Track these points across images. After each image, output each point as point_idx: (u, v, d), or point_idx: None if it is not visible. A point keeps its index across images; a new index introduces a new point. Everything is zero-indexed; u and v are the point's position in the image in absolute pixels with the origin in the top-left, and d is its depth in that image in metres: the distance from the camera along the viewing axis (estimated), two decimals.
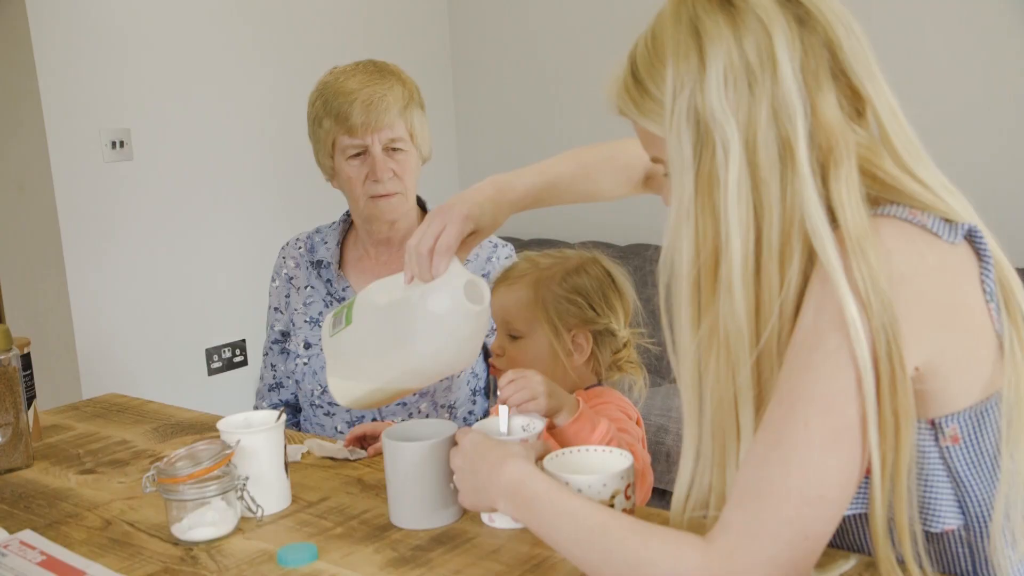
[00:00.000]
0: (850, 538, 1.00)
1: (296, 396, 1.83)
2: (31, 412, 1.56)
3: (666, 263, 0.92)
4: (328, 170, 1.75)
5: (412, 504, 1.17)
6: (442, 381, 1.68)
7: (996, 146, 2.90)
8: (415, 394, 1.69)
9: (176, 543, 1.17)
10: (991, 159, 2.89)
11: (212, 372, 3.35)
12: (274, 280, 1.85)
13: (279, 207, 3.48)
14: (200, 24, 3.24)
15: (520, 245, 2.01)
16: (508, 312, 1.40)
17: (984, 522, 0.90)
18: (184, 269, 3.24)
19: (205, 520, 1.16)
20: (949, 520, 0.90)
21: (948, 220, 0.88)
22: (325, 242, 1.81)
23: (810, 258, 0.87)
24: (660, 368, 1.30)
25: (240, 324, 3.37)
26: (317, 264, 1.80)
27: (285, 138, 3.45)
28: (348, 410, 1.72)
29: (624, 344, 1.43)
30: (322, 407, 1.75)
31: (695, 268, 0.90)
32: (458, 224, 1.21)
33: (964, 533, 0.91)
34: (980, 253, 0.89)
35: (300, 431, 1.75)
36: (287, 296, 1.82)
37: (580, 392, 1.38)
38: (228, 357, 3.39)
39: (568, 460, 1.12)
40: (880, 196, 0.89)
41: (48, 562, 1.13)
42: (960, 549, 0.93)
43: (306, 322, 1.78)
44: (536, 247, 3.02)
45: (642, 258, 3.13)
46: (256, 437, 1.22)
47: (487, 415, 1.72)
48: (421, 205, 1.81)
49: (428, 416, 1.73)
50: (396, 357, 1.23)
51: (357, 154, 1.69)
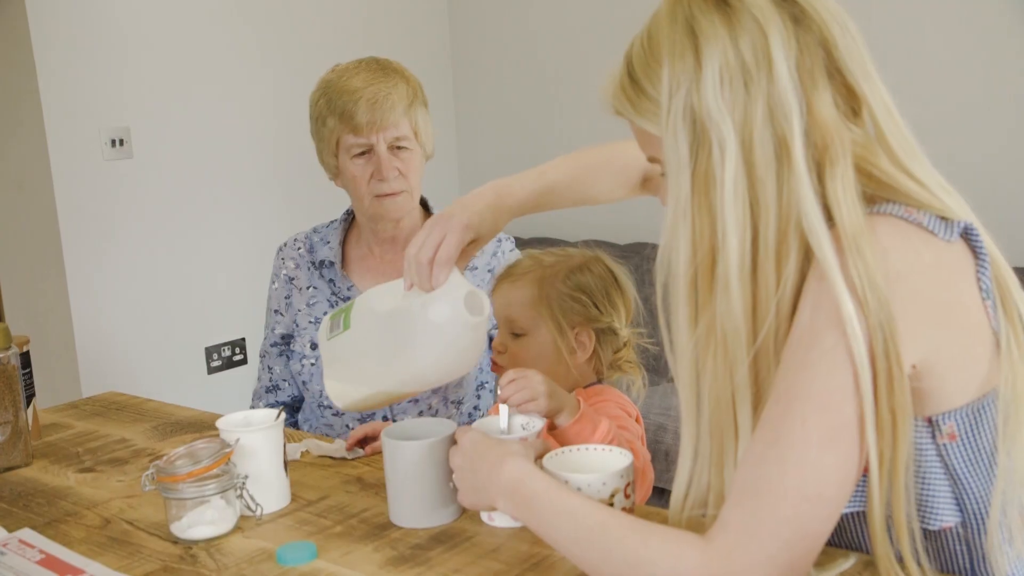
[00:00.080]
0: (848, 536, 1.00)
1: (293, 398, 1.82)
2: (30, 410, 1.55)
3: (663, 262, 0.92)
4: (332, 169, 1.74)
5: (411, 503, 1.17)
6: None
7: (995, 145, 2.90)
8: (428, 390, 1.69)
9: (175, 542, 1.17)
10: (990, 158, 2.89)
11: (212, 371, 3.35)
12: (273, 282, 1.83)
13: (279, 205, 3.48)
14: (200, 22, 3.24)
15: (521, 244, 2.02)
16: (511, 309, 1.40)
17: (981, 519, 0.90)
18: (184, 267, 3.24)
19: (204, 519, 1.16)
20: (947, 517, 0.90)
21: (944, 218, 0.88)
22: (328, 242, 1.80)
23: (806, 256, 0.87)
24: (659, 367, 1.30)
25: (240, 323, 3.37)
26: (319, 264, 1.79)
27: (285, 136, 3.45)
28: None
29: (624, 343, 1.43)
30: (331, 407, 1.75)
31: (692, 267, 0.90)
32: (458, 234, 1.21)
33: (962, 530, 0.91)
34: (976, 251, 0.89)
35: (299, 430, 1.75)
36: (287, 297, 1.80)
37: (579, 391, 1.37)
38: (228, 356, 3.39)
39: (567, 459, 1.12)
40: (876, 194, 0.89)
41: (47, 561, 1.13)
42: (958, 546, 0.93)
43: (311, 323, 1.78)
44: (536, 246, 3.02)
45: (641, 257, 3.13)
46: (255, 436, 1.22)
47: None
48: (424, 204, 1.81)
49: (438, 412, 1.73)
50: (395, 365, 1.23)
51: (362, 153, 1.68)
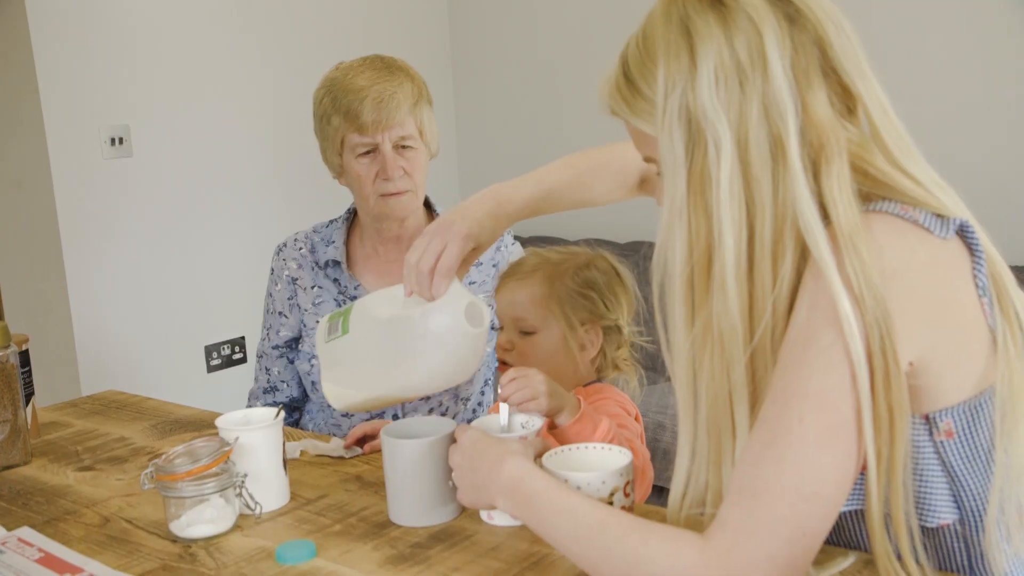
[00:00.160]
0: (847, 535, 1.00)
1: (291, 399, 1.82)
2: (29, 409, 1.55)
3: (659, 262, 0.93)
4: (336, 168, 1.73)
5: (411, 501, 1.17)
6: None
7: (995, 144, 2.90)
8: None
9: (174, 540, 1.17)
10: (990, 157, 2.89)
11: (211, 369, 3.35)
12: (275, 284, 1.80)
13: (278, 203, 3.48)
14: (199, 20, 3.23)
15: (521, 243, 2.02)
16: (520, 308, 1.39)
17: (979, 516, 0.90)
18: (183, 266, 3.24)
19: (203, 517, 1.16)
20: (944, 515, 0.90)
21: (940, 215, 0.88)
22: (332, 241, 1.78)
23: (803, 255, 0.87)
24: (657, 366, 1.30)
25: (239, 321, 3.37)
26: (324, 264, 1.77)
27: (285, 134, 3.45)
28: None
29: (625, 341, 1.43)
30: None
31: (688, 266, 0.90)
32: (459, 244, 1.21)
33: (959, 528, 0.91)
34: (972, 248, 0.89)
35: (299, 429, 1.75)
36: (291, 299, 1.78)
37: (579, 389, 1.37)
38: (227, 354, 3.39)
39: (567, 457, 1.12)
40: (872, 192, 0.90)
41: (46, 559, 1.13)
42: (956, 544, 0.93)
43: (318, 322, 1.76)
44: (536, 245, 3.01)
45: (640, 255, 3.13)
46: (255, 434, 1.22)
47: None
48: (427, 204, 1.80)
49: (448, 409, 1.73)
50: (394, 372, 1.24)
51: (366, 152, 1.67)
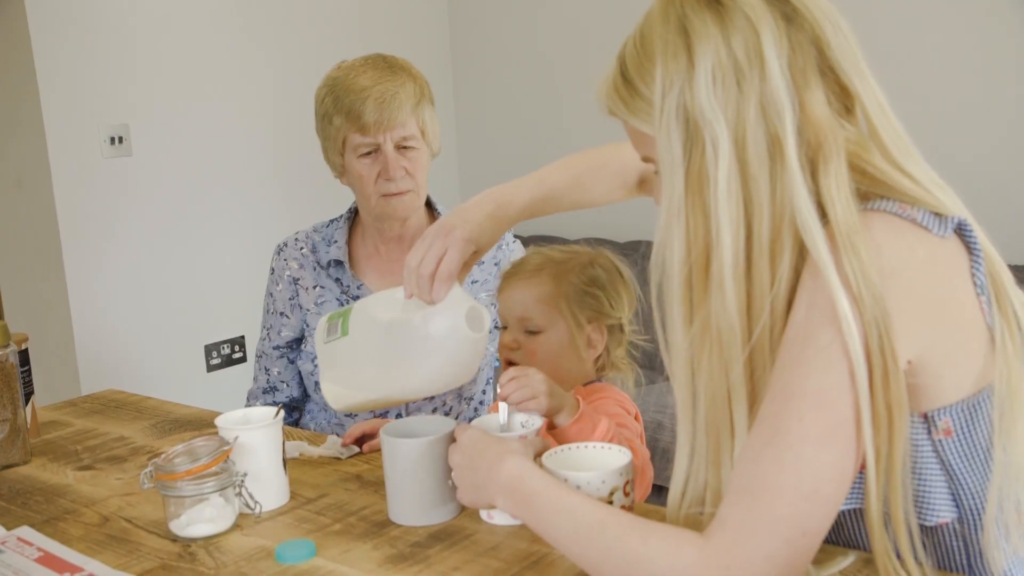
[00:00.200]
0: (846, 534, 1.00)
1: (292, 399, 1.81)
2: (29, 408, 1.55)
3: (657, 261, 0.93)
4: (338, 167, 1.73)
5: (411, 501, 1.17)
6: None
7: (994, 144, 2.90)
8: None
9: (174, 539, 1.17)
10: (989, 157, 2.89)
11: (211, 368, 3.35)
12: (276, 284, 1.79)
13: (278, 202, 3.48)
14: (199, 19, 3.23)
15: (521, 242, 2.02)
16: (527, 307, 1.38)
17: (978, 515, 0.90)
18: (183, 265, 3.23)
19: (203, 516, 1.16)
20: (943, 513, 0.90)
21: (938, 214, 0.88)
22: (334, 241, 1.77)
23: (801, 254, 0.87)
24: (655, 365, 1.30)
25: (239, 320, 3.36)
26: (327, 264, 1.76)
27: (284, 133, 3.45)
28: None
29: (625, 340, 1.43)
30: None
31: (686, 266, 0.90)
32: (460, 249, 1.21)
33: (958, 526, 0.91)
34: (970, 246, 0.89)
35: (298, 428, 1.75)
36: (292, 299, 1.77)
37: (579, 388, 1.37)
38: (227, 353, 3.39)
39: (567, 457, 1.12)
40: (870, 191, 0.90)
41: (45, 558, 1.13)
42: (954, 542, 0.93)
43: None
44: (535, 244, 3.01)
45: (639, 254, 3.13)
46: (254, 433, 1.22)
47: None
48: (428, 203, 1.80)
49: (452, 408, 1.73)
50: (395, 375, 1.24)
51: (368, 152, 1.66)
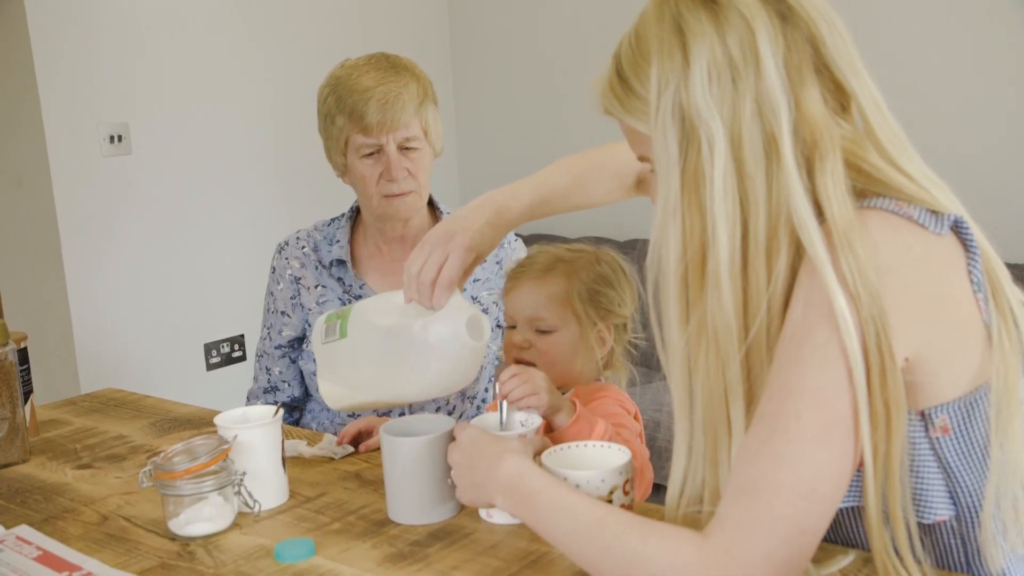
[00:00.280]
0: (845, 532, 1.00)
1: (293, 399, 1.81)
2: (28, 407, 1.55)
3: (653, 260, 0.92)
4: (340, 167, 1.72)
5: (410, 499, 1.17)
6: None
7: (993, 143, 2.90)
8: None
9: (173, 538, 1.17)
10: (988, 156, 2.89)
11: (211, 367, 3.35)
12: (277, 283, 1.79)
13: (278, 200, 3.48)
14: (198, 17, 3.23)
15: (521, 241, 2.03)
16: (538, 306, 1.37)
17: (975, 512, 0.90)
18: (183, 263, 3.23)
19: (202, 515, 1.16)
20: (941, 511, 0.90)
21: (934, 211, 0.88)
22: (337, 240, 1.77)
23: (797, 252, 0.87)
24: (652, 363, 1.30)
25: (239, 319, 3.36)
26: (329, 264, 1.76)
27: (284, 131, 3.45)
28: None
29: (626, 339, 1.43)
30: None
31: (682, 264, 0.90)
32: (461, 257, 1.22)
33: (956, 524, 0.91)
34: (966, 244, 0.89)
35: (301, 428, 1.74)
36: (294, 298, 1.77)
37: (578, 388, 1.37)
38: (227, 352, 3.39)
39: (566, 456, 1.12)
40: (866, 189, 0.90)
41: (44, 557, 1.13)
42: (952, 540, 0.93)
43: None
44: (534, 242, 3.01)
45: (636, 252, 3.12)
46: (254, 432, 1.22)
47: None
48: (431, 203, 1.79)
49: (455, 407, 1.73)
50: (393, 380, 1.24)
51: (371, 152, 1.66)
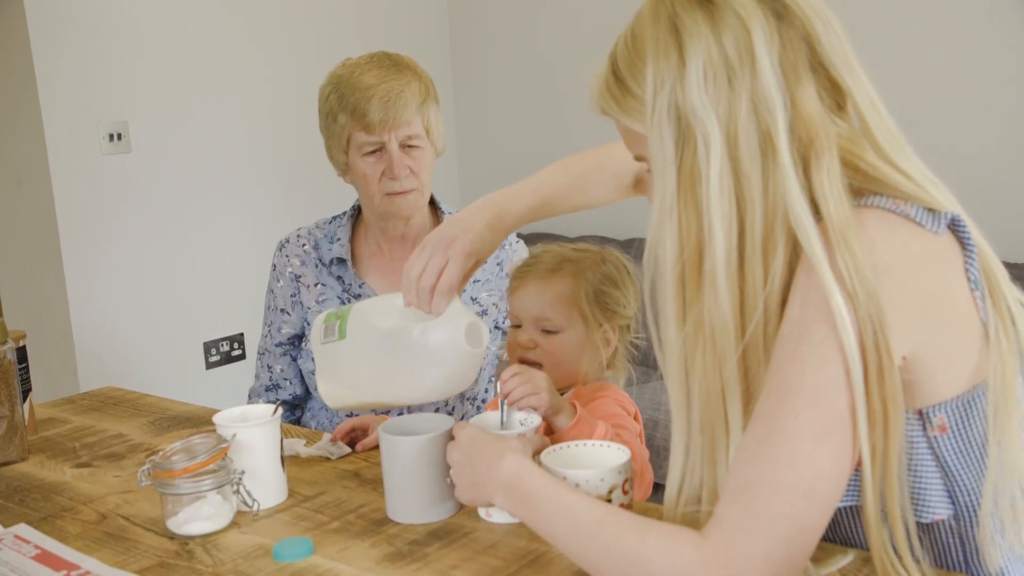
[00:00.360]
0: (843, 531, 1.00)
1: (294, 396, 1.81)
2: (27, 405, 1.55)
3: (650, 259, 0.93)
4: (341, 165, 1.72)
5: (409, 498, 1.17)
6: None
7: (991, 142, 2.90)
8: None
9: (172, 537, 1.17)
10: (986, 154, 2.88)
11: (210, 366, 3.34)
12: (278, 280, 1.79)
13: (278, 199, 3.47)
14: (197, 15, 3.23)
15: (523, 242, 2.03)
16: (544, 306, 1.36)
17: (973, 511, 0.90)
18: (182, 262, 3.23)
19: (201, 514, 1.16)
20: (939, 510, 0.90)
21: (931, 210, 0.88)
22: (338, 238, 1.77)
23: (794, 251, 0.87)
24: (650, 362, 1.30)
25: (238, 318, 3.36)
26: (329, 262, 1.76)
27: (283, 130, 3.44)
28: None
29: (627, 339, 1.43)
30: None
31: (679, 264, 0.90)
32: (461, 262, 1.22)
33: (954, 523, 0.91)
34: (964, 242, 0.89)
35: (297, 426, 1.74)
36: (293, 295, 1.77)
37: (579, 388, 1.37)
38: (226, 351, 3.38)
39: (565, 455, 1.12)
40: (863, 187, 0.90)
41: (42, 556, 1.13)
42: (951, 539, 0.93)
43: None
44: (534, 241, 3.01)
45: (633, 251, 3.12)
46: (253, 431, 1.22)
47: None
48: (432, 202, 1.79)
49: (455, 408, 1.73)
50: (391, 383, 1.24)
51: (373, 151, 1.66)
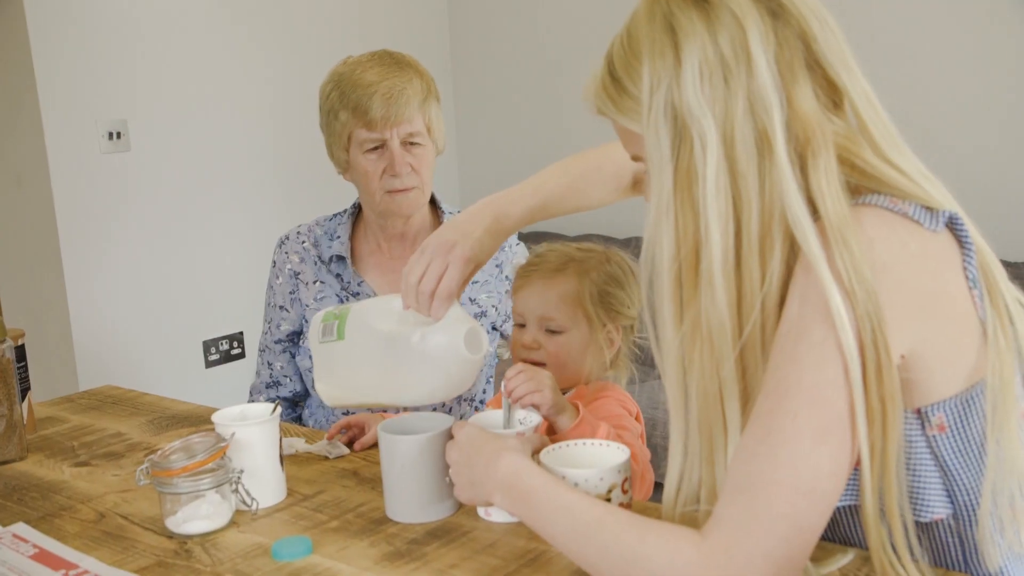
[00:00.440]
0: (842, 531, 0.99)
1: (295, 393, 1.81)
2: (25, 404, 1.55)
3: (647, 259, 0.93)
4: (342, 163, 1.72)
5: (408, 498, 1.17)
6: None
7: (990, 141, 2.90)
8: None
9: (170, 536, 1.16)
10: (987, 154, 2.89)
11: (210, 364, 3.34)
12: (277, 277, 1.79)
13: (277, 198, 3.47)
14: (196, 14, 3.23)
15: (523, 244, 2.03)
16: (549, 306, 1.35)
17: (972, 510, 0.90)
18: (182, 261, 3.23)
19: (199, 513, 1.16)
20: (938, 509, 0.90)
21: (929, 208, 0.88)
22: (337, 236, 1.77)
23: (792, 249, 0.87)
24: (648, 361, 1.29)
25: (238, 317, 3.36)
26: (328, 259, 1.76)
27: (283, 129, 3.44)
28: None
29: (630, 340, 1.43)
30: None
31: (676, 263, 0.90)
32: (460, 268, 1.22)
33: (953, 523, 0.91)
34: (962, 240, 0.89)
35: (297, 425, 1.74)
36: (292, 293, 1.77)
37: (580, 388, 1.37)
38: (226, 350, 3.38)
39: (565, 454, 1.11)
40: (860, 185, 0.89)
41: (41, 555, 1.12)
42: (950, 539, 0.93)
43: None
44: (533, 241, 3.01)
45: (631, 250, 3.12)
46: (251, 430, 1.22)
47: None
48: (432, 201, 1.79)
49: (453, 409, 1.73)
50: (389, 386, 1.24)
51: (374, 148, 1.66)
